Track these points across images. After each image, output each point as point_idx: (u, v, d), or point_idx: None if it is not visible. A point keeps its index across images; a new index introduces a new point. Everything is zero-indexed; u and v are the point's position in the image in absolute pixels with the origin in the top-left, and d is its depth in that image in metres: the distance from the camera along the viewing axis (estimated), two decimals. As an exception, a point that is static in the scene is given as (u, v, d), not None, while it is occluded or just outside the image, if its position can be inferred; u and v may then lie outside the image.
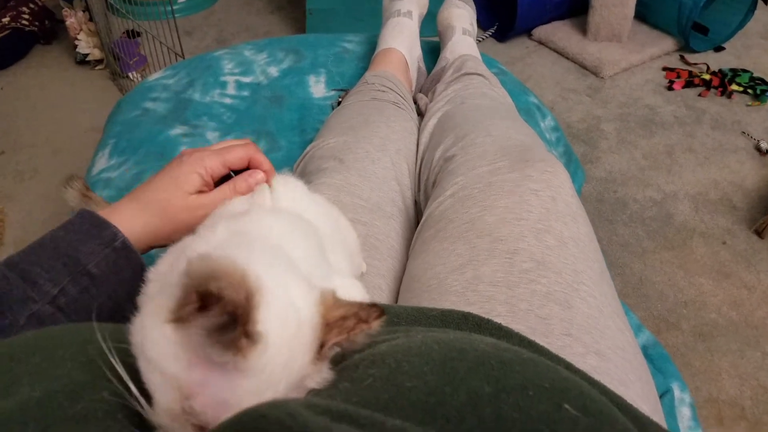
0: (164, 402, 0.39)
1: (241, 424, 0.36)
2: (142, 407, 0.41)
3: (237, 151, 0.71)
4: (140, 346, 0.40)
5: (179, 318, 0.38)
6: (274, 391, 0.40)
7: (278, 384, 0.40)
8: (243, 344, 0.37)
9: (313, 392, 0.45)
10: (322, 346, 0.42)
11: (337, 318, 0.43)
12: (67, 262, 0.61)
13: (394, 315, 0.63)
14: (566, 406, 0.42)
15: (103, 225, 0.64)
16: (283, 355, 0.40)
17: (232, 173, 0.73)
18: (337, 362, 0.53)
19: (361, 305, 0.44)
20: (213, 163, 0.70)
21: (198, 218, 0.67)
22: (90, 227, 0.64)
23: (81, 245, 0.62)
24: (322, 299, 0.44)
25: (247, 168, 0.72)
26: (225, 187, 0.70)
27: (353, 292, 0.58)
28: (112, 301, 0.64)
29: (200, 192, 0.70)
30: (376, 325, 0.44)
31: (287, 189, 0.68)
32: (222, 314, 0.36)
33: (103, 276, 0.63)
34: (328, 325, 0.42)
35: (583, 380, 0.51)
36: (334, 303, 0.44)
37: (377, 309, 0.44)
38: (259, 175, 0.71)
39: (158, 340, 0.39)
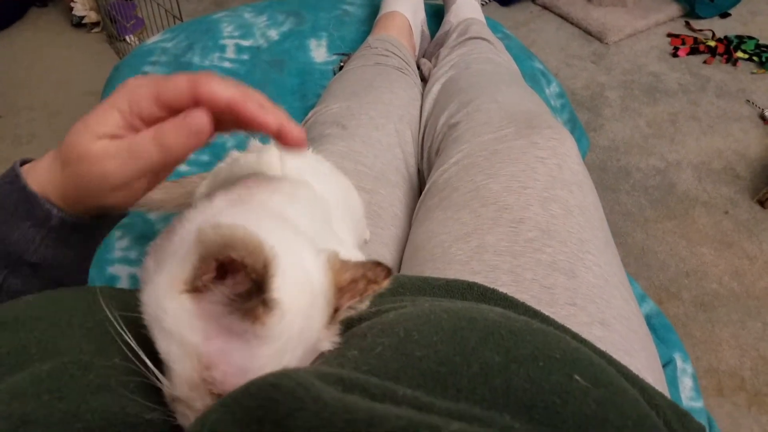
0: (183, 372, 0.39)
1: (252, 393, 0.35)
2: (159, 380, 0.40)
3: (177, 80, 0.48)
4: (155, 318, 0.40)
5: (196, 287, 0.38)
6: (292, 356, 0.41)
7: (296, 349, 0.41)
8: (261, 312, 0.37)
9: (322, 360, 0.44)
10: (336, 310, 0.43)
11: (348, 281, 0.43)
12: (1, 252, 0.51)
13: (399, 285, 0.63)
14: (576, 376, 0.41)
15: (33, 201, 0.51)
16: (300, 321, 0.40)
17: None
18: (343, 329, 0.53)
19: (366, 265, 0.44)
20: (142, 95, 0.48)
21: (111, 171, 0.48)
22: (17, 203, 0.51)
23: (10, 232, 0.51)
24: (330, 264, 0.43)
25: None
26: (144, 136, 0.47)
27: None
28: (68, 270, 0.56)
29: (114, 137, 0.49)
30: (385, 284, 0.43)
31: (293, 159, 0.67)
32: (243, 282, 0.36)
33: (45, 263, 0.53)
34: (340, 290, 0.42)
35: (591, 351, 0.50)
36: (341, 266, 0.44)
37: (384, 268, 0.44)
38: (199, 118, 0.46)
39: (175, 312, 0.39)
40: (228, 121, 0.48)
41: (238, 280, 0.37)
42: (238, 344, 0.38)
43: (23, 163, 0.54)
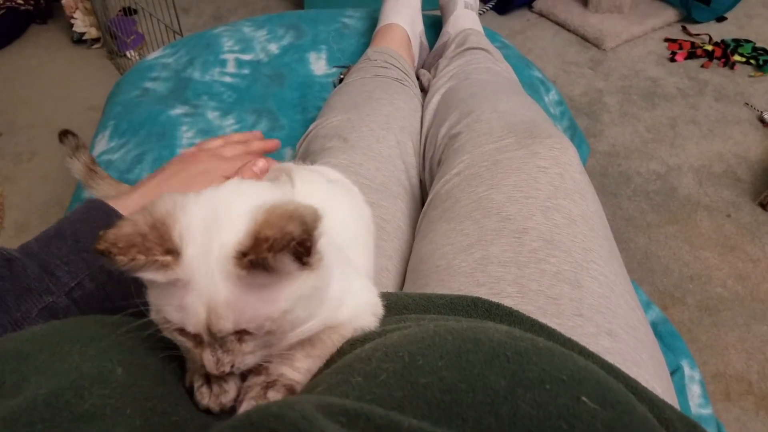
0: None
1: (253, 422, 0.35)
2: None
3: (236, 163, 0.76)
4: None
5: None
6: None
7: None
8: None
9: (327, 386, 0.44)
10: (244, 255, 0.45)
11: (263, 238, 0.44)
12: (87, 258, 0.61)
13: (402, 306, 0.62)
14: (584, 398, 0.41)
15: (116, 215, 0.64)
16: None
17: None
18: (347, 350, 0.52)
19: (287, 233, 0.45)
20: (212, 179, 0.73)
21: None
22: (108, 223, 0.59)
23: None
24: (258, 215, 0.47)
25: None
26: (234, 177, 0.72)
27: (364, 294, 0.58)
28: (124, 300, 0.61)
29: None
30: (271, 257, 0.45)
31: (306, 184, 0.66)
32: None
33: (118, 272, 0.59)
34: (257, 239, 0.44)
35: (598, 366, 0.50)
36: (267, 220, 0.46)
37: (297, 243, 0.45)
38: (262, 162, 0.75)
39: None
40: None
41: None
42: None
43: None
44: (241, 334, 0.45)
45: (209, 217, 0.45)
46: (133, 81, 1.43)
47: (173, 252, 0.43)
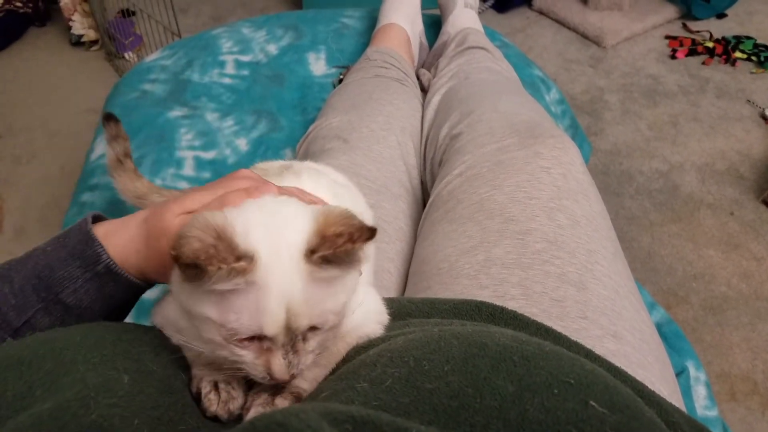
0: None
1: (258, 430, 0.34)
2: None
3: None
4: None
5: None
6: None
7: None
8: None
9: (332, 391, 0.43)
10: (313, 252, 0.46)
11: (332, 234, 0.46)
12: (38, 286, 0.54)
13: (406, 313, 0.61)
14: (592, 402, 0.40)
15: (90, 242, 0.55)
16: None
17: None
18: (352, 357, 0.51)
19: (354, 225, 0.48)
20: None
21: None
22: (77, 243, 0.55)
23: (58, 267, 0.54)
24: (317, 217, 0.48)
25: None
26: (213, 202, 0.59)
27: (369, 301, 0.58)
28: (104, 316, 0.58)
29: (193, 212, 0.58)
30: (358, 245, 0.46)
31: (313, 183, 0.66)
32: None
33: (78, 308, 0.55)
34: (323, 238, 0.46)
35: (605, 370, 0.49)
36: (331, 219, 0.48)
37: (368, 230, 0.47)
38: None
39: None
40: None
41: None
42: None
43: (97, 217, 0.59)
44: (305, 333, 0.46)
45: (268, 222, 0.47)
46: (131, 83, 1.42)
47: (244, 257, 0.43)
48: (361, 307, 0.55)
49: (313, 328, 0.46)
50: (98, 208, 1.15)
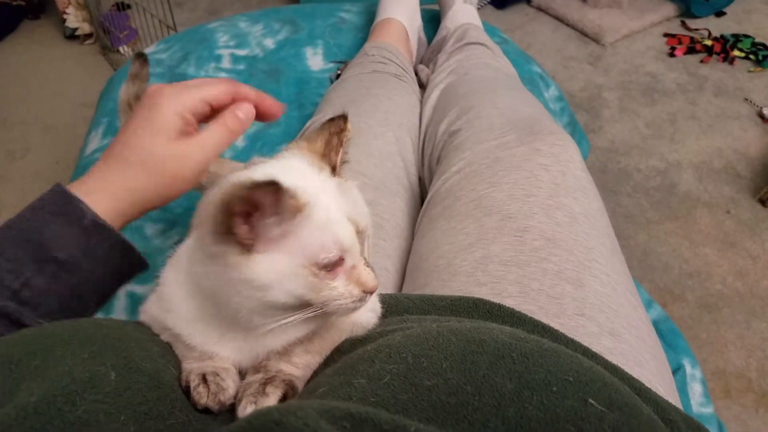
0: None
1: (254, 427, 0.33)
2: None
3: (218, 84, 0.63)
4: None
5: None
6: None
7: None
8: None
9: (329, 387, 0.43)
10: (333, 167, 0.53)
11: (324, 146, 0.53)
12: (29, 249, 0.55)
13: (403, 309, 0.61)
14: (591, 400, 0.40)
15: (70, 200, 0.57)
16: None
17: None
18: (348, 350, 0.51)
19: (325, 126, 0.54)
20: (191, 99, 0.61)
21: (190, 167, 0.60)
22: (57, 205, 0.57)
23: (45, 228, 0.56)
24: (302, 149, 0.53)
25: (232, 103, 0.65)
26: (214, 126, 0.62)
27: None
28: (90, 284, 0.59)
29: (184, 136, 0.61)
30: (349, 125, 0.53)
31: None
32: None
33: (73, 260, 0.56)
34: (324, 155, 0.52)
35: (602, 367, 0.49)
36: (310, 141, 0.53)
37: (339, 117, 0.52)
38: (246, 106, 0.64)
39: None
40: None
41: None
42: None
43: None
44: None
45: (280, 169, 0.49)
46: (126, 77, 1.41)
47: (293, 196, 0.45)
48: None
49: (362, 235, 0.50)
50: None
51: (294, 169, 0.50)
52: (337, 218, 0.47)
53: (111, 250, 0.59)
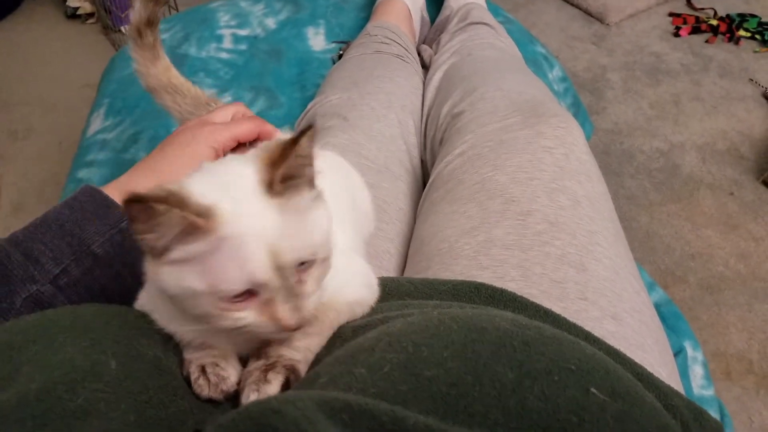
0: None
1: (252, 417, 0.34)
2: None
3: (247, 124, 0.72)
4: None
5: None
6: None
7: None
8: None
9: (329, 378, 0.43)
10: (284, 179, 0.46)
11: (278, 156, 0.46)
12: (72, 242, 0.58)
13: (404, 293, 0.61)
14: (593, 389, 0.40)
15: (111, 205, 0.61)
16: None
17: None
18: (350, 337, 0.51)
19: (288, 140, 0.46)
20: (225, 137, 0.69)
21: None
22: (96, 207, 0.61)
23: (87, 224, 0.59)
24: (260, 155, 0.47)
25: (257, 140, 0.72)
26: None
27: (350, 265, 0.58)
28: (116, 284, 0.61)
29: None
30: (304, 140, 0.45)
31: None
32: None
33: (107, 257, 0.60)
34: (273, 164, 0.45)
35: (604, 352, 0.49)
36: (270, 150, 0.47)
37: (302, 131, 0.45)
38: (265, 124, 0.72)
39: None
40: None
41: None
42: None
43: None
44: (298, 274, 0.45)
45: (219, 179, 0.46)
46: (127, 58, 1.38)
47: (203, 215, 0.42)
48: (343, 270, 0.54)
49: (302, 265, 0.45)
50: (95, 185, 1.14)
51: (235, 180, 0.45)
52: (250, 250, 0.42)
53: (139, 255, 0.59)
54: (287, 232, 0.44)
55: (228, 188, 0.45)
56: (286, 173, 0.44)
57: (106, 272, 0.60)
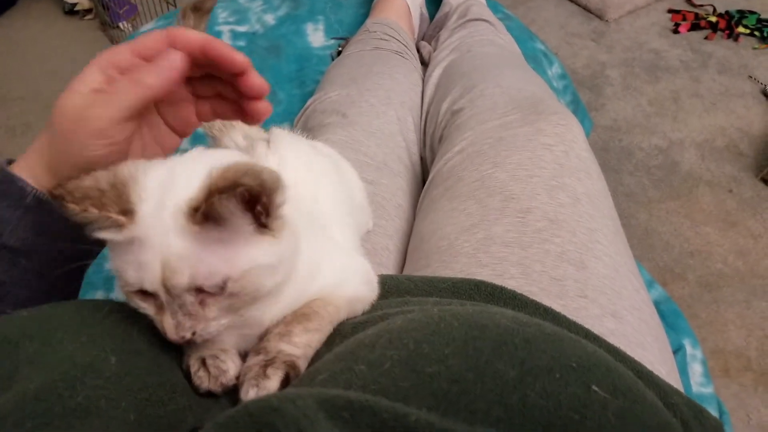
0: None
1: (251, 414, 0.33)
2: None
3: (154, 32, 0.52)
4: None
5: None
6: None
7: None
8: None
9: (330, 373, 0.43)
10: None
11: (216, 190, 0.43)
12: None
13: (404, 290, 0.61)
14: (594, 387, 0.40)
15: (9, 179, 0.52)
16: None
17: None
18: (349, 334, 0.51)
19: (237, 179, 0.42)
20: (120, 51, 0.52)
21: (90, 123, 0.49)
22: (1, 187, 0.52)
23: None
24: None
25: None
26: (122, 80, 0.50)
27: (347, 261, 0.58)
28: (59, 262, 0.54)
29: (98, 93, 0.51)
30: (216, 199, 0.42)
31: (285, 152, 0.65)
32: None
33: (27, 244, 0.52)
34: (209, 193, 0.42)
35: (604, 350, 0.49)
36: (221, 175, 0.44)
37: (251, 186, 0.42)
38: (174, 55, 0.50)
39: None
40: (201, 65, 0.52)
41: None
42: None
43: (10, 162, 0.55)
44: (202, 297, 0.45)
45: (166, 178, 0.46)
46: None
47: (129, 212, 0.43)
48: (336, 266, 0.55)
49: (205, 292, 0.45)
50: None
51: (176, 187, 0.45)
52: (147, 258, 0.43)
53: (66, 223, 0.51)
54: (189, 257, 0.44)
55: (165, 191, 0.45)
56: (208, 212, 0.42)
57: (35, 259, 0.53)
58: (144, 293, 0.45)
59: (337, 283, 0.54)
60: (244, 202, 0.42)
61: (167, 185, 0.45)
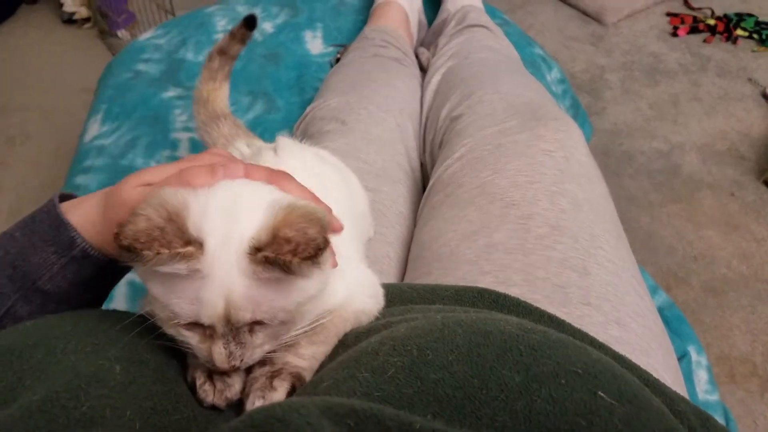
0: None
1: (256, 425, 0.33)
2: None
3: (163, 168, 0.53)
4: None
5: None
6: None
7: None
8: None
9: (333, 381, 0.42)
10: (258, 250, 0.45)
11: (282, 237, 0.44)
12: (13, 276, 0.51)
13: (407, 299, 0.60)
14: (600, 393, 0.39)
15: (62, 226, 0.52)
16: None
17: None
18: (352, 343, 0.50)
19: (308, 235, 0.44)
20: (134, 181, 0.52)
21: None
22: (48, 228, 0.52)
23: (32, 254, 0.52)
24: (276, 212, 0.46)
25: None
26: (171, 177, 0.51)
27: (355, 274, 0.58)
28: (83, 305, 0.56)
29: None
30: (296, 261, 0.43)
31: (291, 154, 0.65)
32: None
33: (60, 292, 0.53)
34: (273, 237, 0.44)
35: (610, 358, 0.48)
36: (289, 219, 0.45)
37: (314, 248, 0.43)
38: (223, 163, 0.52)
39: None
40: None
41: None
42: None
43: (64, 197, 0.56)
44: (253, 325, 0.45)
45: (227, 208, 0.46)
46: (124, 63, 1.39)
47: (193, 243, 0.43)
48: (346, 280, 0.55)
49: (258, 322, 0.46)
50: (92, 191, 1.13)
51: (238, 218, 0.45)
52: (209, 294, 0.43)
53: (102, 275, 0.56)
54: (252, 295, 0.44)
55: (227, 224, 0.45)
56: (271, 261, 0.43)
57: (64, 305, 0.54)
58: (193, 324, 0.45)
59: (346, 297, 0.54)
60: (310, 258, 0.43)
61: (229, 216, 0.45)
